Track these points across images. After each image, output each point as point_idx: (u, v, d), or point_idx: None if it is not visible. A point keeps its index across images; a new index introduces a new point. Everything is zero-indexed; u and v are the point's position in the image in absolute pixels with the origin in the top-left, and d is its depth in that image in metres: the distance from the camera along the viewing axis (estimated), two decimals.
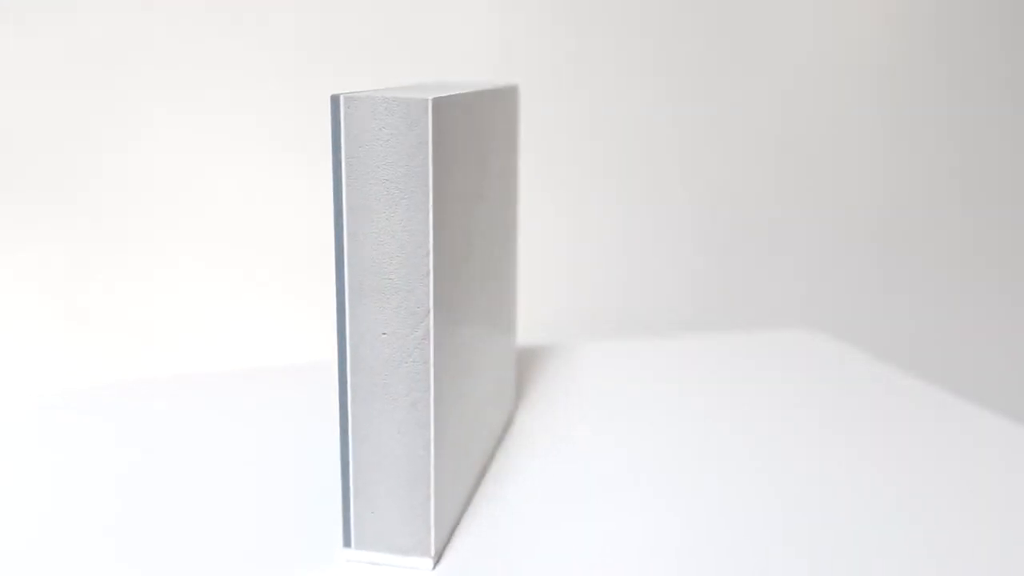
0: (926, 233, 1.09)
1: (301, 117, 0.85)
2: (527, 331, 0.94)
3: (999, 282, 1.12)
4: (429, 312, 0.43)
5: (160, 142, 0.85)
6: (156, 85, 0.83)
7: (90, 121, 0.83)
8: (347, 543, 0.46)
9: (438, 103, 0.41)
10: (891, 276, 1.09)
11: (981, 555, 0.48)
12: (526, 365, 0.75)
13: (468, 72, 0.89)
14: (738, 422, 0.65)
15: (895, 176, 1.07)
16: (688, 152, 0.99)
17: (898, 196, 1.07)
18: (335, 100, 0.41)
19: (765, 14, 0.98)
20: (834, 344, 0.82)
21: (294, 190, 0.86)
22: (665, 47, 0.95)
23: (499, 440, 0.60)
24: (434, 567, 0.46)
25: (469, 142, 0.47)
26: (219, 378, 0.72)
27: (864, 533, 0.50)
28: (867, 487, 0.55)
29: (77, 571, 0.45)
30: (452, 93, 0.44)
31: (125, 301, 0.87)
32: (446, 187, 0.43)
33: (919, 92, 1.05)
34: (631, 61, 0.95)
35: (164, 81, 0.83)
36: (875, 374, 0.75)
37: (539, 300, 0.95)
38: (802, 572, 0.46)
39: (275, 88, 0.85)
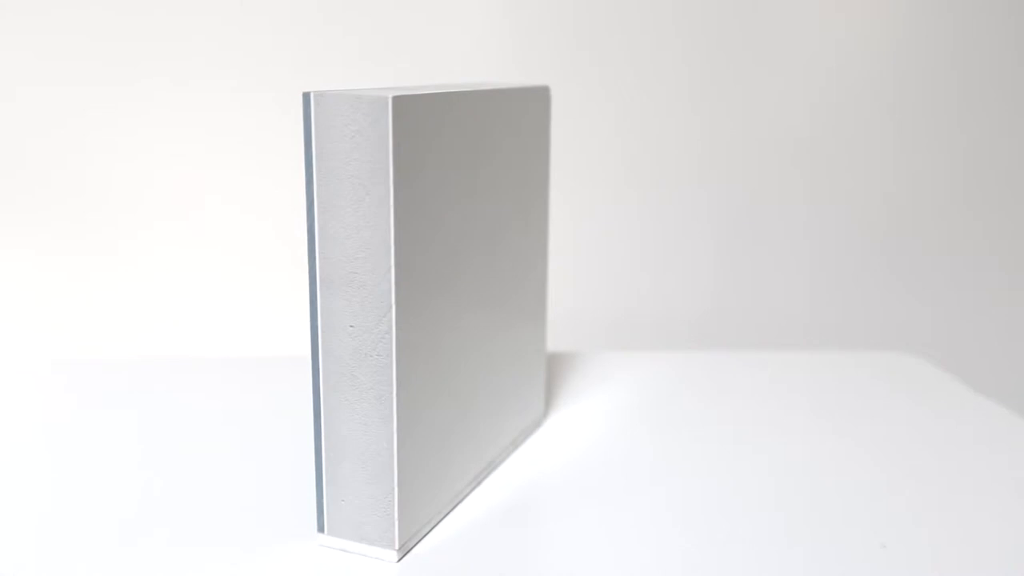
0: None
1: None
2: (586, 339, 0.93)
3: None
4: (391, 307, 0.43)
5: (154, 141, 0.87)
6: (148, 78, 0.86)
7: (69, 117, 0.86)
8: (320, 528, 0.47)
9: (401, 101, 0.42)
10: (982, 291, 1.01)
11: None
12: (573, 371, 0.74)
13: (498, 73, 0.89)
14: (808, 440, 0.62)
15: (948, 185, 0.99)
16: (733, 157, 0.95)
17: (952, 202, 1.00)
18: (306, 97, 0.43)
19: (792, 15, 0.93)
20: (929, 368, 0.77)
21: (291, 184, 0.88)
22: (686, 50, 0.92)
23: (515, 443, 0.59)
24: (399, 559, 0.46)
25: (455, 141, 0.47)
26: (211, 364, 0.75)
27: (897, 552, 0.47)
28: (890, 501, 0.52)
29: (49, 553, 0.49)
30: (427, 92, 0.45)
31: (107, 295, 0.90)
32: (417, 185, 0.44)
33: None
34: (649, 65, 0.92)
35: (161, 76, 0.86)
36: (964, 402, 0.70)
37: (582, 308, 0.94)
38: None
39: (285, 88, 0.87)
